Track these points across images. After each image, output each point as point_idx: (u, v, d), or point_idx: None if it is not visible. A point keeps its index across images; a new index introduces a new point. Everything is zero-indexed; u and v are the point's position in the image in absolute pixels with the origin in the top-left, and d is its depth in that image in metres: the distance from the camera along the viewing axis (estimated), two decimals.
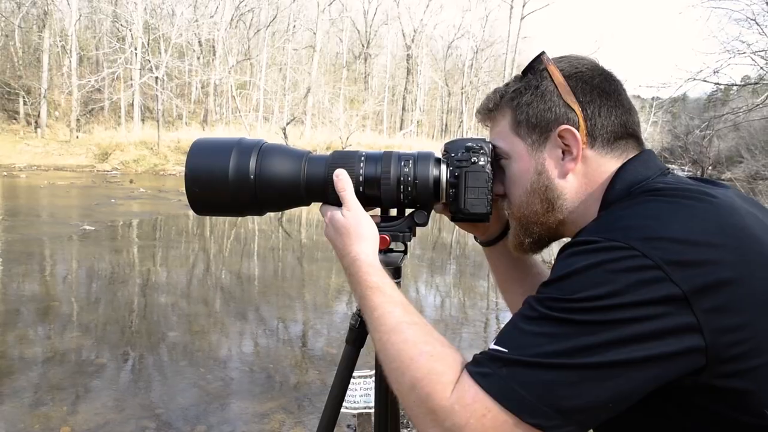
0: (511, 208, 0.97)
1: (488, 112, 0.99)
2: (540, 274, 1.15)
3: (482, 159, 0.96)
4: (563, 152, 0.89)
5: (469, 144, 0.97)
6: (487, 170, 0.96)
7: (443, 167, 1.00)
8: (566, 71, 0.90)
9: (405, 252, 1.12)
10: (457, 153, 0.98)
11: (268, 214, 1.12)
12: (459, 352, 0.81)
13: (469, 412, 0.71)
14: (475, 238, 1.19)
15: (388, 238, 1.03)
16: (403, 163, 1.00)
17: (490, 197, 0.97)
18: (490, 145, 0.98)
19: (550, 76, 0.90)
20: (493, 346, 0.74)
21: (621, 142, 0.89)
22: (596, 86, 0.90)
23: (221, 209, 1.07)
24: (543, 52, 0.94)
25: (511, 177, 0.96)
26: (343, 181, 1.00)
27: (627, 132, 0.90)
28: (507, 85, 0.97)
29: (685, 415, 0.75)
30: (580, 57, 0.94)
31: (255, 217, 1.12)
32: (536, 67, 0.93)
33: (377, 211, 1.08)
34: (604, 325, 0.68)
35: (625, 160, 0.88)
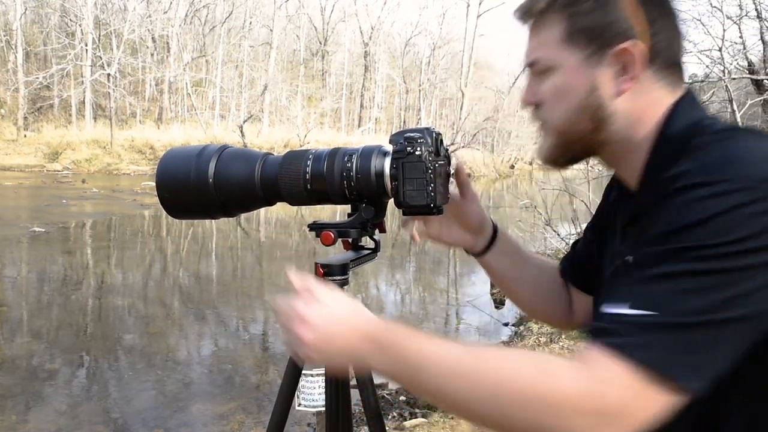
0: (552, 122, 0.88)
1: (537, 13, 0.87)
2: (538, 263, 1.13)
3: (420, 149, 0.93)
4: (621, 69, 0.81)
5: (408, 134, 0.94)
6: (424, 160, 0.92)
7: (387, 160, 0.98)
8: None
9: (375, 250, 1.11)
10: (397, 144, 0.95)
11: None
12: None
13: (624, 391, 0.64)
14: (466, 251, 1.12)
15: (332, 234, 1.03)
16: (346, 158, 1.00)
17: (430, 188, 0.93)
18: (434, 135, 0.94)
19: None
20: (628, 311, 0.66)
21: (673, 70, 0.83)
22: (664, 2, 0.82)
23: (191, 212, 1.13)
24: None
25: (554, 90, 0.86)
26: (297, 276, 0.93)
27: (679, 60, 0.84)
28: None
29: None
30: None
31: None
32: None
33: (347, 208, 1.06)
34: (751, 270, 0.64)
35: (674, 92, 0.83)
